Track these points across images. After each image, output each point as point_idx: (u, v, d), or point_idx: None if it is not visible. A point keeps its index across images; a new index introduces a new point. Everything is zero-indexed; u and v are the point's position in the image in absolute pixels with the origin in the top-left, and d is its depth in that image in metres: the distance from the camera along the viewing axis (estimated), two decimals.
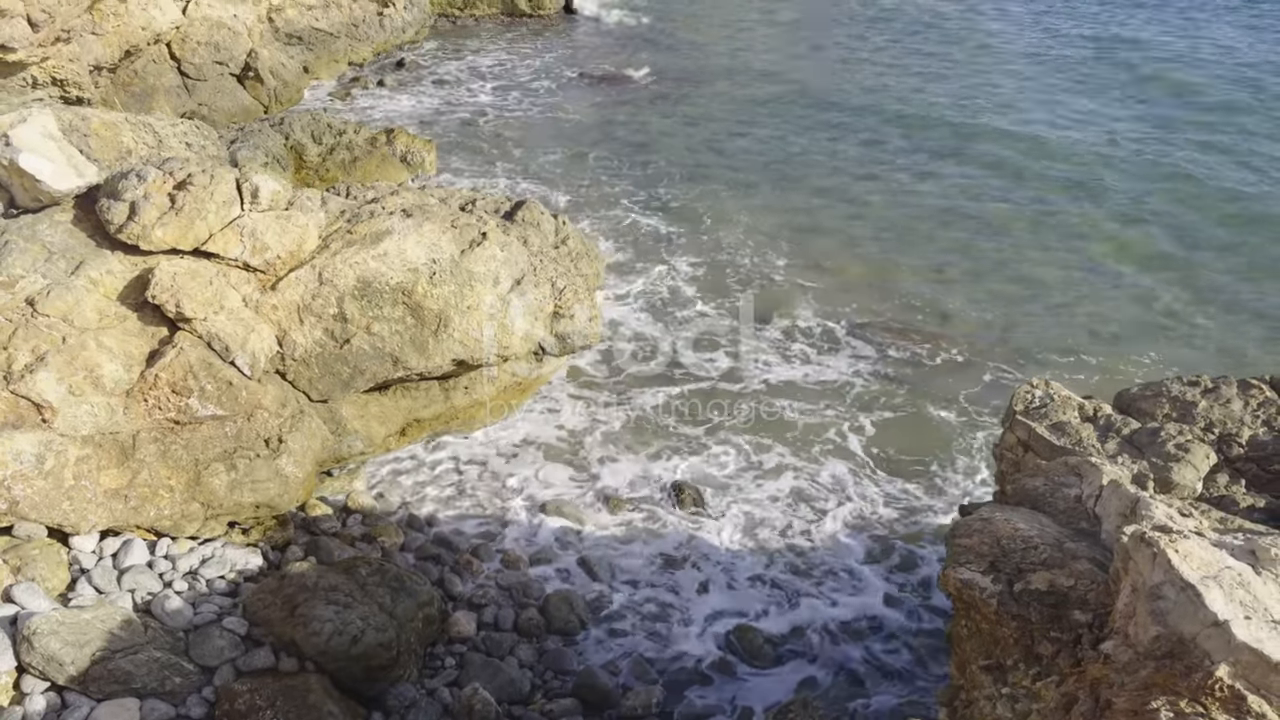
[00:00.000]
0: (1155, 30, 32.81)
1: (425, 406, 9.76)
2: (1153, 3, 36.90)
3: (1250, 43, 30.68)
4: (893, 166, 20.23)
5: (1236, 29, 32.89)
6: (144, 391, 7.58)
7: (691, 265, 15.36)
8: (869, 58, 29.94)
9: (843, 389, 12.18)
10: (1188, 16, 34.73)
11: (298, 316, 8.53)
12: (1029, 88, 26.72)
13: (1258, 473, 5.86)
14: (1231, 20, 34.36)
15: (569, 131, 22.21)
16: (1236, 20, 34.38)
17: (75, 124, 9.91)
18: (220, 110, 19.44)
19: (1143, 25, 33.73)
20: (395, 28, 28.63)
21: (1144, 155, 20.64)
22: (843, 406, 11.83)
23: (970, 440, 11.16)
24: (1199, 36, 31.64)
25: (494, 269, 9.49)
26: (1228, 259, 15.93)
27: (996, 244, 16.47)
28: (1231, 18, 34.69)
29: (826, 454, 10.96)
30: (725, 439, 11.22)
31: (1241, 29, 32.88)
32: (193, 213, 8.19)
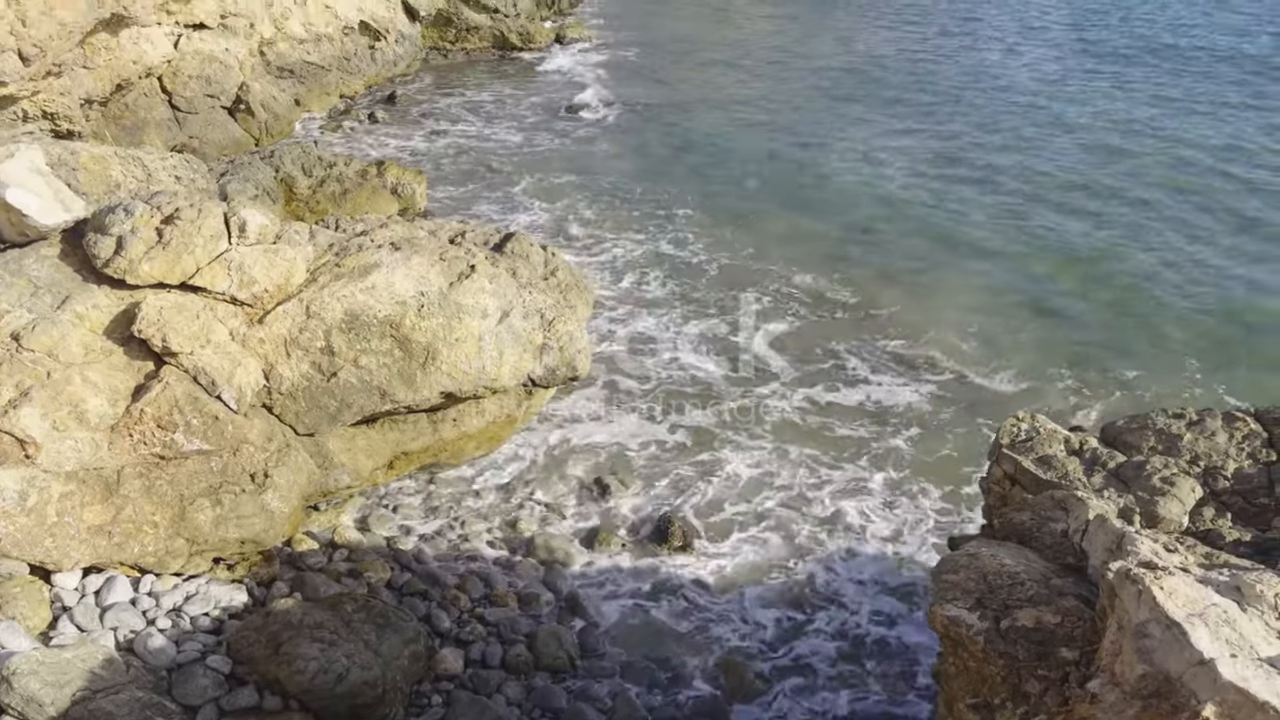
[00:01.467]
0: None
1: (413, 439, 9.73)
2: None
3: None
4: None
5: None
6: (129, 426, 7.54)
7: (691, 286, 15.42)
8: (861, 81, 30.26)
9: (850, 416, 12.18)
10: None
11: (285, 350, 8.52)
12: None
13: (1243, 506, 5.87)
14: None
15: (560, 162, 22.33)
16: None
17: (64, 158, 9.93)
18: (211, 143, 19.50)
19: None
20: (387, 61, 28.84)
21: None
22: (849, 434, 11.82)
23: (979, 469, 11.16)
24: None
25: (482, 301, 9.51)
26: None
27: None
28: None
29: (826, 482, 10.94)
30: (722, 465, 11.19)
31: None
32: (180, 247, 8.20)
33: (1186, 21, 39.63)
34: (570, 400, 12.38)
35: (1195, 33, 37.42)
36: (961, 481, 11.00)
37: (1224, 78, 30.18)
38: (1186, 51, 33.72)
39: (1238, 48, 34.56)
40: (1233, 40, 35.82)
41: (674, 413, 12.25)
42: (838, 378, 13.16)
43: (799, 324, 14.58)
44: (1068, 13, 42.54)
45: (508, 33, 35.31)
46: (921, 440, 11.81)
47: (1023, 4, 44.22)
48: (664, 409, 12.32)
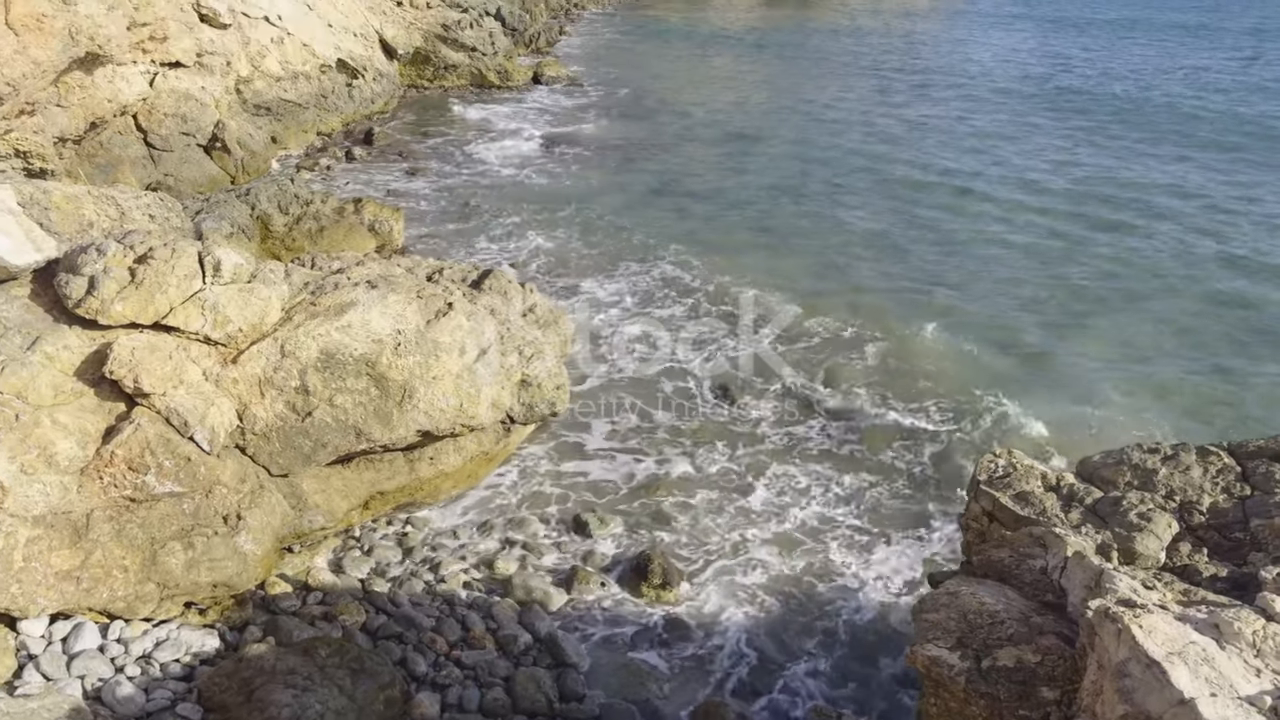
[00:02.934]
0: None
1: (389, 478, 9.63)
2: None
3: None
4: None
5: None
6: (99, 469, 7.42)
7: (673, 318, 15.44)
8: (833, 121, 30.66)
9: (831, 450, 12.19)
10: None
11: (259, 390, 8.43)
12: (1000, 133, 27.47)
13: (1219, 541, 5.90)
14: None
15: (538, 198, 22.42)
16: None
17: (36, 197, 9.84)
18: (186, 180, 19.42)
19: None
20: (364, 99, 28.95)
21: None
22: (830, 468, 11.82)
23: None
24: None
25: (460, 338, 9.48)
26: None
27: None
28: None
29: (809, 520, 10.91)
30: (703, 501, 11.14)
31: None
32: (153, 287, 8.12)
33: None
34: (546, 437, 12.32)
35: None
36: (939, 517, 11.00)
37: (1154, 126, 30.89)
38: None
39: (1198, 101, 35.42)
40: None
41: (654, 447, 12.21)
42: (817, 409, 13.17)
43: (781, 353, 14.62)
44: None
45: (486, 71, 35.61)
46: (904, 475, 11.83)
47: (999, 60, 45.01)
48: (643, 443, 12.28)
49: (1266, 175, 25.28)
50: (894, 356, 14.74)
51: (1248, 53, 49.74)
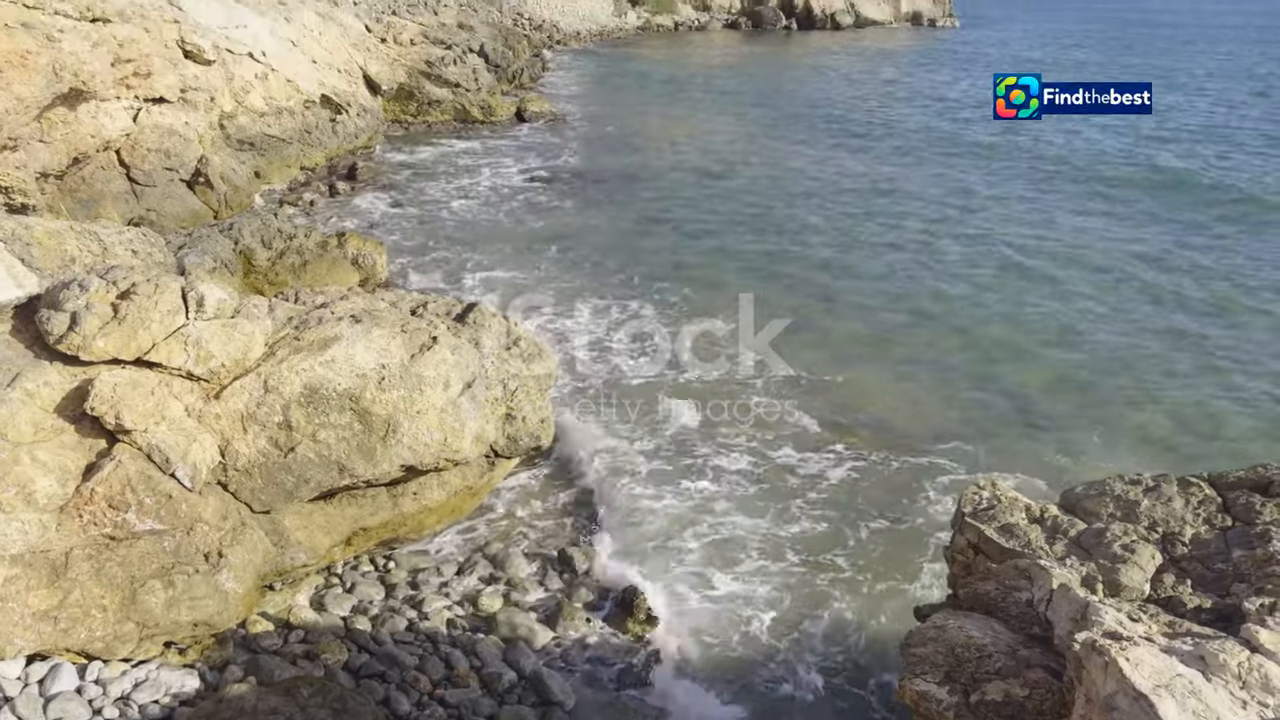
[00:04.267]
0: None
1: (372, 514, 9.57)
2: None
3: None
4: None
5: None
6: (79, 507, 7.34)
7: (658, 349, 15.48)
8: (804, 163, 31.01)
9: (815, 485, 12.19)
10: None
11: (241, 425, 8.38)
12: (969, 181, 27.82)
13: (1202, 572, 5.93)
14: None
15: (522, 232, 22.51)
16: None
17: (18, 233, 9.81)
18: (169, 215, 19.39)
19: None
20: (348, 134, 29.07)
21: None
22: (814, 504, 11.81)
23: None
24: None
25: (444, 372, 9.46)
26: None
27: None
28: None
29: (796, 553, 10.88)
30: (690, 534, 11.10)
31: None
32: (135, 322, 8.08)
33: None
34: (529, 472, 12.28)
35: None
36: (926, 550, 11.01)
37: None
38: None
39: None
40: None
41: (638, 480, 12.19)
42: (804, 444, 13.19)
43: (763, 390, 14.66)
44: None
45: (469, 106, 35.86)
46: (889, 508, 11.83)
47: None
48: (627, 478, 12.25)
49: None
50: (861, 394, 14.80)
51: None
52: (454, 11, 55.57)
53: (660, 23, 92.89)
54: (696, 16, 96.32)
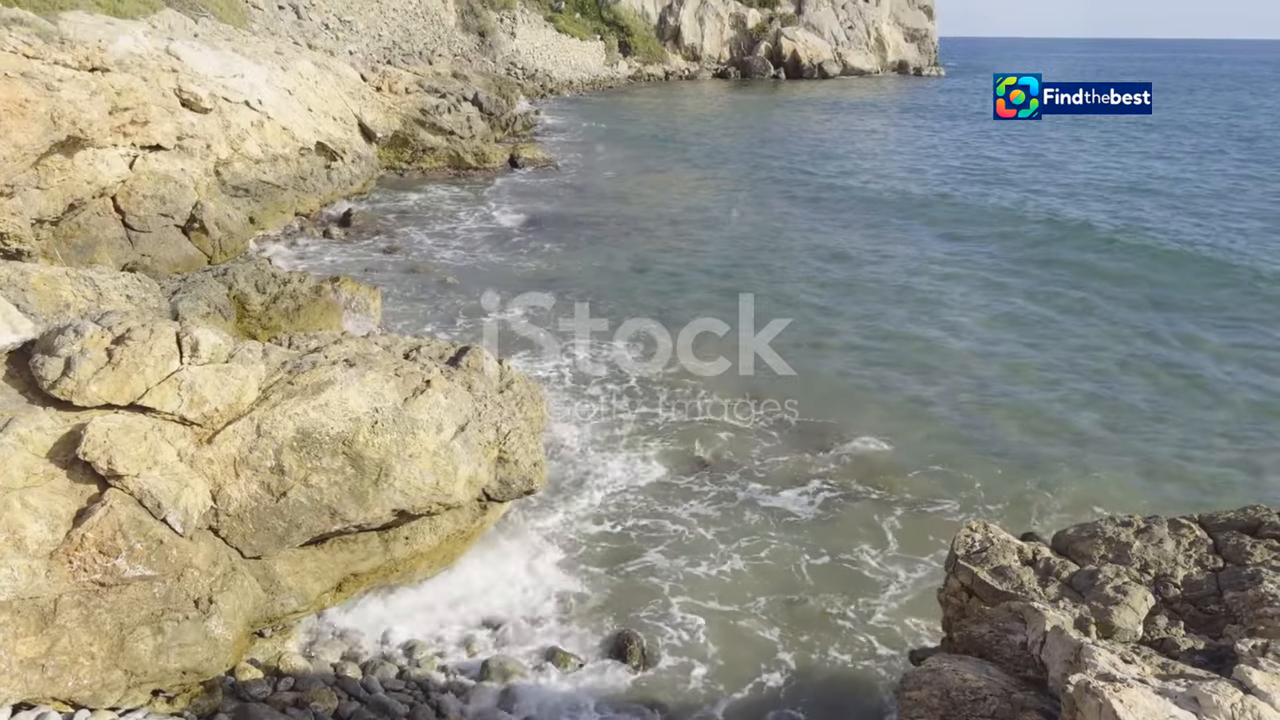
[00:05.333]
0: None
1: (363, 559, 9.52)
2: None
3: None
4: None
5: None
6: (69, 553, 7.28)
7: (650, 394, 15.50)
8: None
9: (802, 525, 12.17)
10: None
11: (234, 470, 8.36)
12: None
13: (1195, 613, 5.95)
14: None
15: (514, 276, 22.65)
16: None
17: (13, 279, 9.85)
18: (163, 260, 19.46)
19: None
20: (343, 180, 29.32)
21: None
22: (808, 545, 11.79)
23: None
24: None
25: (437, 416, 9.48)
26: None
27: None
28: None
29: (793, 591, 10.83)
30: (683, 571, 11.05)
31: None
32: (130, 367, 8.10)
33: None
34: (519, 515, 12.24)
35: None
36: (920, 590, 10.98)
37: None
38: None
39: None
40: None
41: (631, 516, 12.15)
42: (794, 481, 13.19)
43: (749, 431, 14.69)
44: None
45: (463, 153, 36.25)
46: (880, 549, 11.81)
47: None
48: (615, 515, 12.22)
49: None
50: (849, 433, 14.86)
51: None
52: (448, 61, 56.52)
53: (651, 72, 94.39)
54: (686, 66, 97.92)
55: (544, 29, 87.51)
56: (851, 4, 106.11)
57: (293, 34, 48.68)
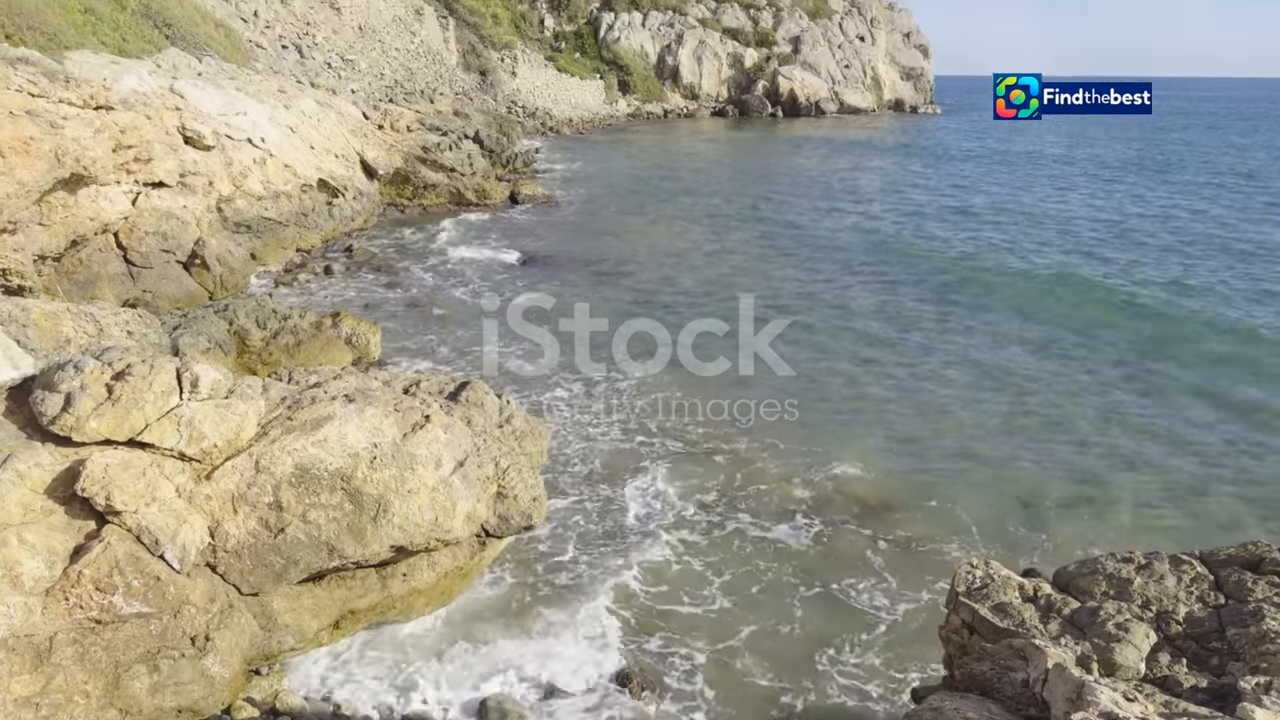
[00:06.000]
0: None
1: (361, 596, 9.46)
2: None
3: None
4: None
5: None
6: (66, 589, 7.25)
7: (650, 430, 15.49)
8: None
9: (803, 557, 12.11)
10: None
11: (232, 506, 8.34)
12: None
13: (1197, 650, 5.91)
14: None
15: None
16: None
17: (15, 314, 9.89)
18: (164, 296, 19.54)
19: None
20: (344, 216, 29.50)
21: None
22: (809, 579, 11.72)
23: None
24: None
25: (437, 451, 9.47)
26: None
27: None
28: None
29: (792, 627, 10.75)
30: (684, 607, 10.97)
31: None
32: (129, 403, 8.11)
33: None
34: (514, 551, 12.18)
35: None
36: (922, 626, 10.91)
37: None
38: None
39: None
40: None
41: (633, 553, 12.10)
42: (786, 515, 13.15)
43: (738, 452, 14.67)
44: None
45: (464, 190, 36.51)
46: (876, 583, 11.75)
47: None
48: (617, 554, 12.17)
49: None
50: (847, 472, 14.84)
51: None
52: (450, 100, 57.10)
53: (650, 110, 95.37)
54: (685, 104, 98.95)
55: (544, 68, 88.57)
56: (848, 44, 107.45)
57: (296, 73, 49.22)
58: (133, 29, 31.59)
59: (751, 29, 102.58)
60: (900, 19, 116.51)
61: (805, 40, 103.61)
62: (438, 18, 75.13)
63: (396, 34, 66.97)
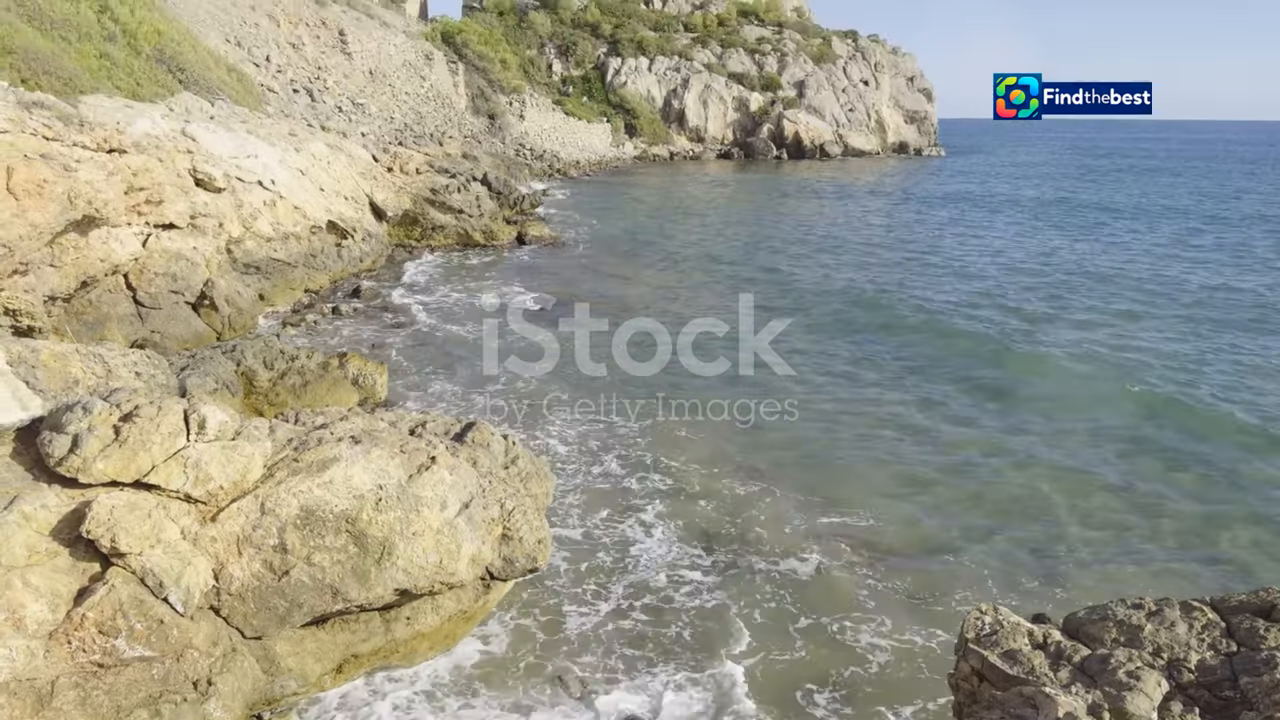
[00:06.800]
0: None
1: (364, 640, 9.40)
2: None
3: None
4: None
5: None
6: (69, 633, 7.22)
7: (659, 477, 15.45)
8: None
9: (812, 604, 12.01)
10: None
11: (237, 548, 8.32)
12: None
13: (1210, 699, 5.84)
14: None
15: (520, 350, 22.76)
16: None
17: (24, 356, 9.96)
18: (172, 337, 19.64)
19: None
20: (353, 257, 29.72)
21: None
22: (819, 636, 11.62)
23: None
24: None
25: (442, 493, 9.46)
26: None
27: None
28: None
29: (795, 678, 10.64)
30: (690, 668, 10.87)
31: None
32: (136, 445, 8.13)
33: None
34: (525, 596, 12.10)
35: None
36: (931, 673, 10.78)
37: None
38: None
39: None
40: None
41: (640, 606, 12.01)
42: (791, 553, 13.06)
43: (749, 495, 14.60)
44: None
45: (472, 231, 36.81)
46: (880, 626, 11.63)
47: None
48: (625, 599, 12.08)
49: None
50: (859, 506, 14.76)
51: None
52: (459, 142, 57.79)
53: (656, 153, 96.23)
54: (691, 147, 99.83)
55: (552, 112, 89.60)
56: (852, 88, 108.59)
57: (307, 116, 49.88)
58: (147, 73, 32.10)
59: (756, 74, 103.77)
60: (904, 63, 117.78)
61: (810, 84, 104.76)
62: (447, 63, 76.25)
63: (407, 78, 67.96)
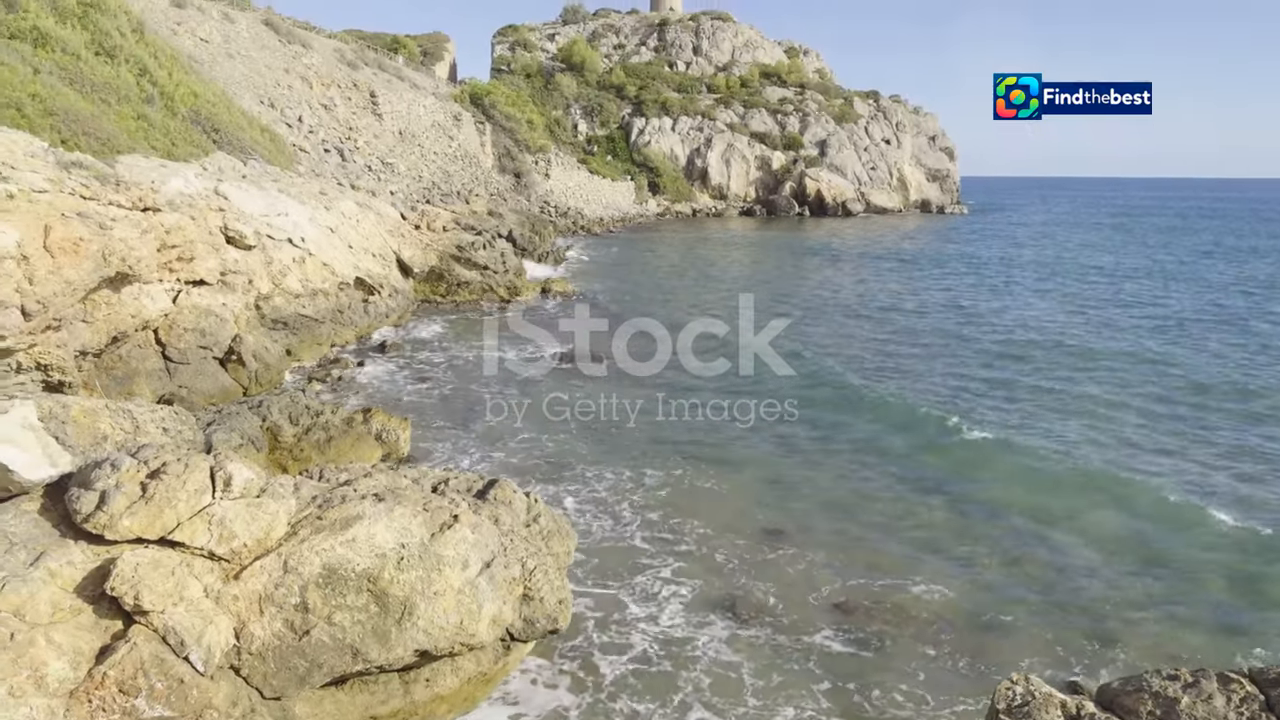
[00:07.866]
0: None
1: (383, 702, 9.31)
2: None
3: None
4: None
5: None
6: (89, 691, 7.20)
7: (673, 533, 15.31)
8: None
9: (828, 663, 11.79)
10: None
11: (259, 607, 8.31)
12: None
13: None
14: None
15: (543, 404, 22.81)
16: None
17: (55, 411, 10.09)
18: (199, 392, 19.86)
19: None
20: (379, 313, 30.05)
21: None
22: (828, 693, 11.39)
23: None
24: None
25: (464, 552, 9.42)
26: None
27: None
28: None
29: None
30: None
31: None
32: (163, 502, 8.19)
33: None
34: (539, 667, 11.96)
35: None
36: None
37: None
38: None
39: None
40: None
41: (651, 654, 11.83)
42: (818, 621, 12.85)
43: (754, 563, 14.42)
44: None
45: (496, 286, 37.19)
46: (911, 697, 11.38)
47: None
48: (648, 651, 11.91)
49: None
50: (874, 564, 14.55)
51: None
52: (484, 200, 58.69)
53: (679, 210, 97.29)
54: (714, 204, 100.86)
55: (577, 170, 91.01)
56: (874, 146, 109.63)
57: (337, 175, 50.88)
58: (182, 134, 32.94)
59: (779, 133, 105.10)
60: (926, 123, 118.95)
61: (831, 143, 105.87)
62: (475, 123, 77.78)
63: (435, 138, 69.30)
